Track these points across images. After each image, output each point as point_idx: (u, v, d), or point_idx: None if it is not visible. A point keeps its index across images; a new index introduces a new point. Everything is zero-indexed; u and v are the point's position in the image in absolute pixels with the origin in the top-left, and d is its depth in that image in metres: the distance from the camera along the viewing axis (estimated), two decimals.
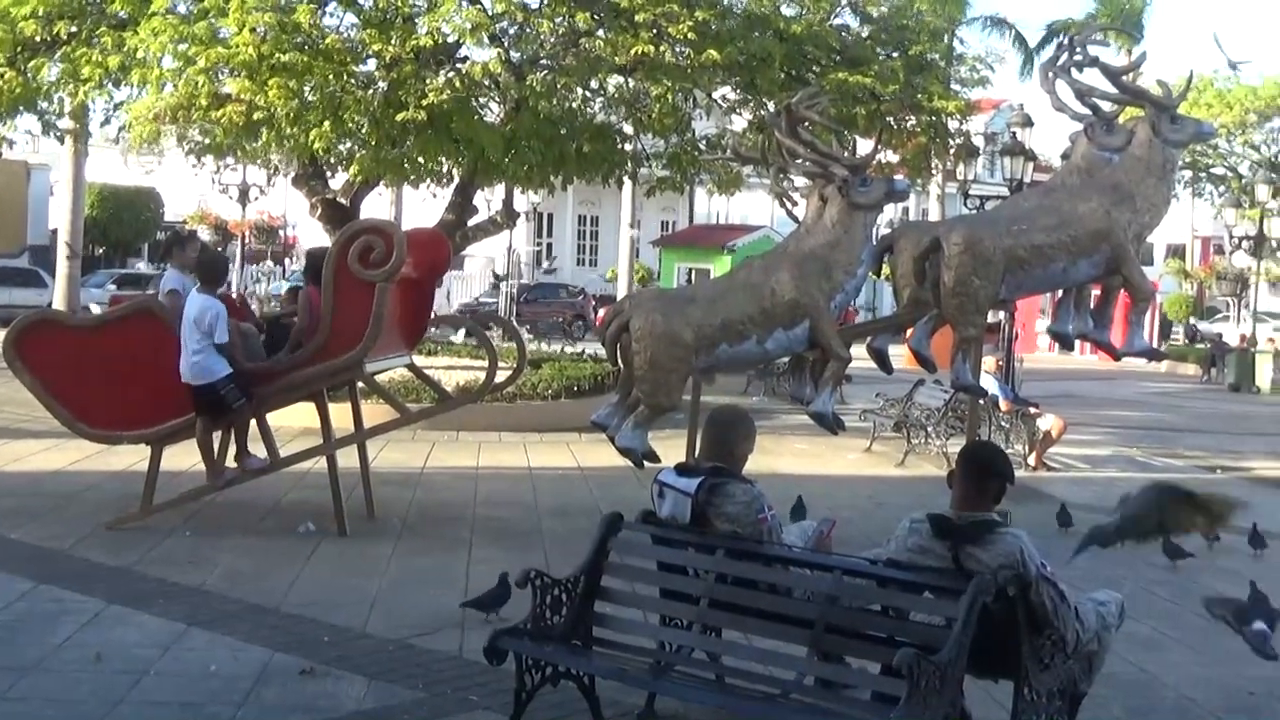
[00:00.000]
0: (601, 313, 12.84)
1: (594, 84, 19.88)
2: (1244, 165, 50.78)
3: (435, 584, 9.74)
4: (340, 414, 12.21)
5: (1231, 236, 42.92)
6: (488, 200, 29.80)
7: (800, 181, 9.78)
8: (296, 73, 16.34)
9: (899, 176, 14.12)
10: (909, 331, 9.48)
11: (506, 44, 18.24)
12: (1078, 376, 32.81)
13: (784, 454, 17.56)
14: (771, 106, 17.64)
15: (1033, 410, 18.20)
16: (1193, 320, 54.41)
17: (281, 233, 55.44)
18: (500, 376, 13.05)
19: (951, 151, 22.52)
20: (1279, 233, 40.32)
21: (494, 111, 19.45)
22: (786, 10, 19.88)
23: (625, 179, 23.58)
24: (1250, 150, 49.50)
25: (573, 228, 60.30)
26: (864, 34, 20.63)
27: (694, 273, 28.15)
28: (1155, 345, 20.54)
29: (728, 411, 6.84)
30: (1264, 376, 35.88)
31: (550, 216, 57.08)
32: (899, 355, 9.30)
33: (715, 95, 21.19)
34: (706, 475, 6.41)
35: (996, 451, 6.58)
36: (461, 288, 50.88)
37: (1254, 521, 12.44)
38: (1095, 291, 9.51)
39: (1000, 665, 5.80)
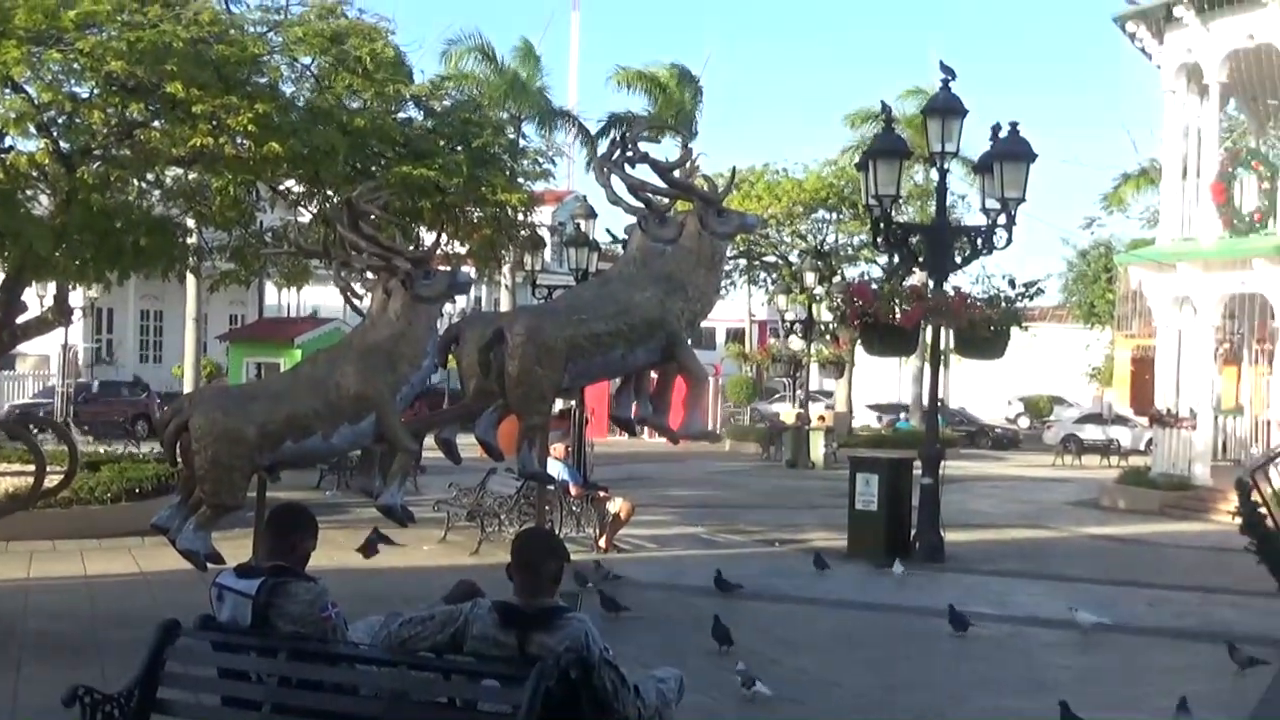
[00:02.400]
0: None
1: (151, 176, 19.26)
2: (793, 254, 53.78)
3: None
4: None
5: (784, 321, 45.30)
6: (40, 295, 28.30)
7: (368, 274, 9.78)
8: None
9: (465, 269, 14.28)
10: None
11: (55, 134, 17.46)
12: (647, 459, 33.79)
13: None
14: (336, 199, 17.54)
15: (602, 494, 18.64)
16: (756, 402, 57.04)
17: None
18: (53, 481, 12.38)
19: (517, 243, 22.94)
20: (827, 316, 42.82)
21: (43, 204, 18.54)
22: (351, 104, 19.84)
23: (188, 273, 22.88)
24: (798, 239, 52.44)
25: (135, 323, 57.94)
26: (429, 127, 20.81)
27: (263, 367, 27.56)
28: (713, 428, 21.19)
29: (288, 509, 6.70)
30: (818, 452, 37.95)
31: (110, 311, 54.70)
32: (469, 445, 9.36)
33: (280, 188, 20.90)
34: (268, 576, 6.25)
35: (546, 535, 6.70)
36: (14, 388, 48.11)
37: (949, 603, 13.15)
38: (655, 376, 9.87)
39: None
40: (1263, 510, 12.45)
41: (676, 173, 9.84)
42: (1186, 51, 27.34)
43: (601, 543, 17.92)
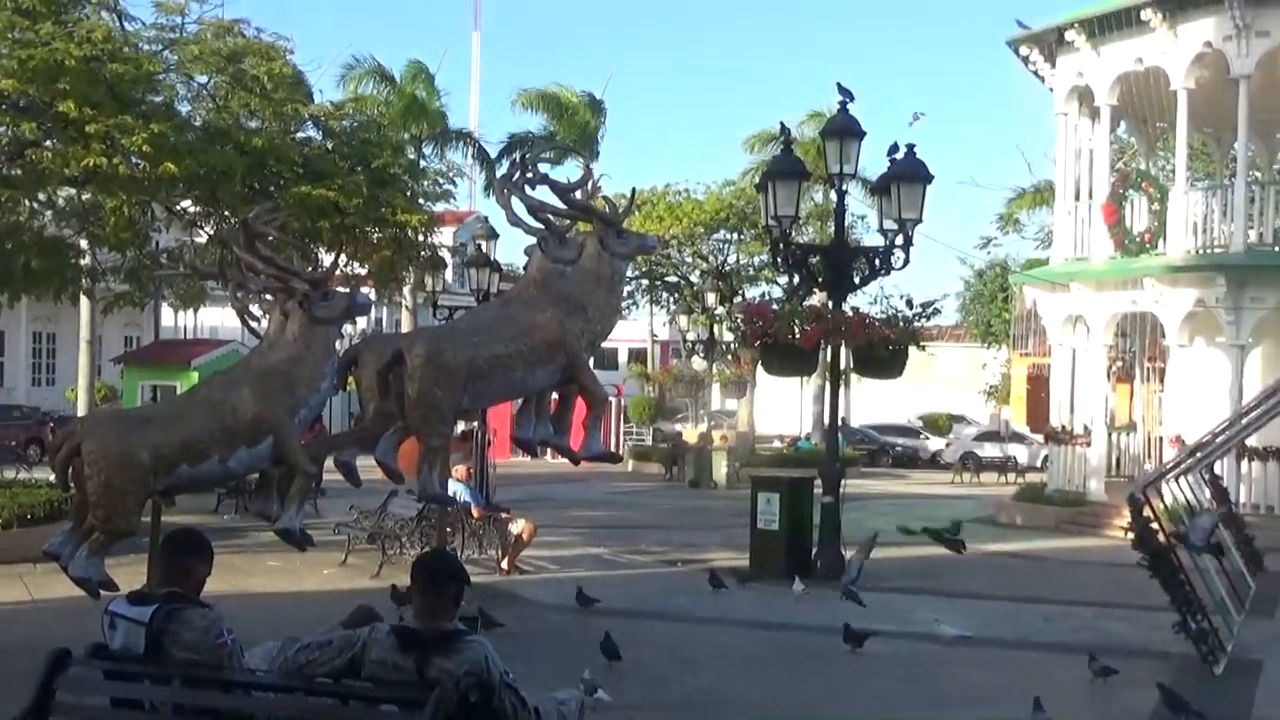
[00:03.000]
0: None
1: (43, 196, 18.96)
2: (695, 274, 54.01)
3: None
4: None
5: (686, 341, 45.46)
6: None
7: (266, 296, 9.69)
8: None
9: (364, 290, 14.18)
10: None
11: None
12: (549, 479, 33.70)
13: (257, 573, 17.12)
14: (233, 220, 17.37)
15: (504, 515, 18.58)
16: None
17: None
18: None
19: (418, 264, 22.84)
20: (729, 337, 43.04)
21: None
22: (248, 123, 19.67)
23: (81, 295, 22.52)
24: (700, 259, 52.67)
25: (27, 345, 56.85)
26: (328, 148, 20.68)
27: (159, 390, 27.12)
28: (613, 448, 21.10)
29: (182, 535, 6.60)
30: (720, 472, 38.08)
31: (1, 334, 53.64)
32: (369, 467, 9.30)
33: (175, 208, 20.65)
34: (161, 602, 6.15)
35: (446, 557, 6.68)
36: None
37: (845, 623, 13.21)
38: (556, 397, 9.88)
39: None
40: (1154, 526, 12.65)
41: (577, 194, 9.88)
42: (1078, 75, 27.86)
43: (504, 564, 17.85)
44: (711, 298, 43.06)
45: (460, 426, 22.32)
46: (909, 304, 19.60)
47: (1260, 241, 26.45)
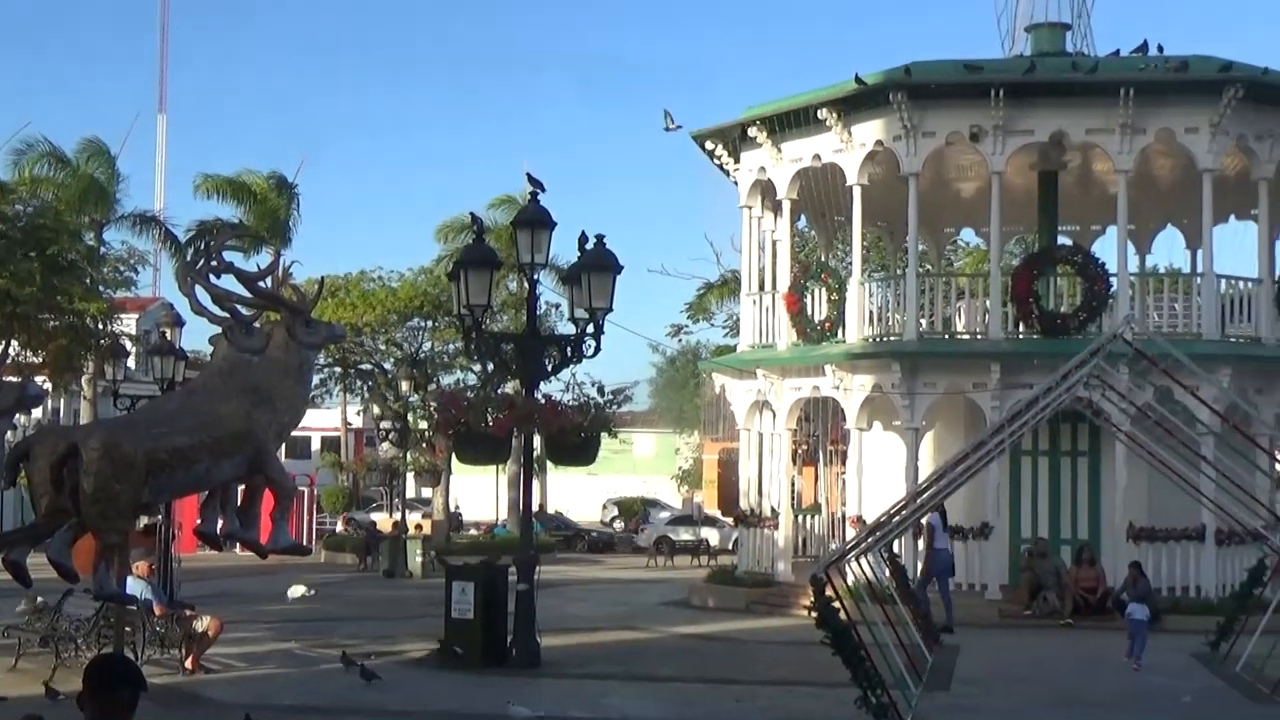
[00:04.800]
0: None
1: None
2: (389, 361, 53.63)
3: None
4: None
5: (380, 429, 44.97)
6: None
7: None
8: None
9: (38, 379, 13.61)
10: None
11: None
12: (238, 573, 32.69)
13: None
14: None
15: (188, 612, 17.94)
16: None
17: None
18: None
19: (97, 352, 22.04)
20: (424, 424, 42.76)
21: None
22: None
23: None
24: (394, 347, 52.38)
25: None
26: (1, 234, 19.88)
27: None
28: (305, 540, 20.66)
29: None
30: (415, 561, 37.62)
31: None
32: (41, 566, 8.88)
33: None
34: None
35: (120, 660, 6.40)
36: None
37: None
38: (243, 489, 9.65)
39: None
40: (836, 605, 13.08)
41: (264, 282, 9.74)
42: (760, 170, 28.90)
43: (188, 664, 17.22)
44: (405, 385, 42.85)
45: (142, 520, 21.57)
46: (601, 391, 19.91)
47: (931, 330, 27.84)
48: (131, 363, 30.92)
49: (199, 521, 9.67)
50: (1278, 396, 26.04)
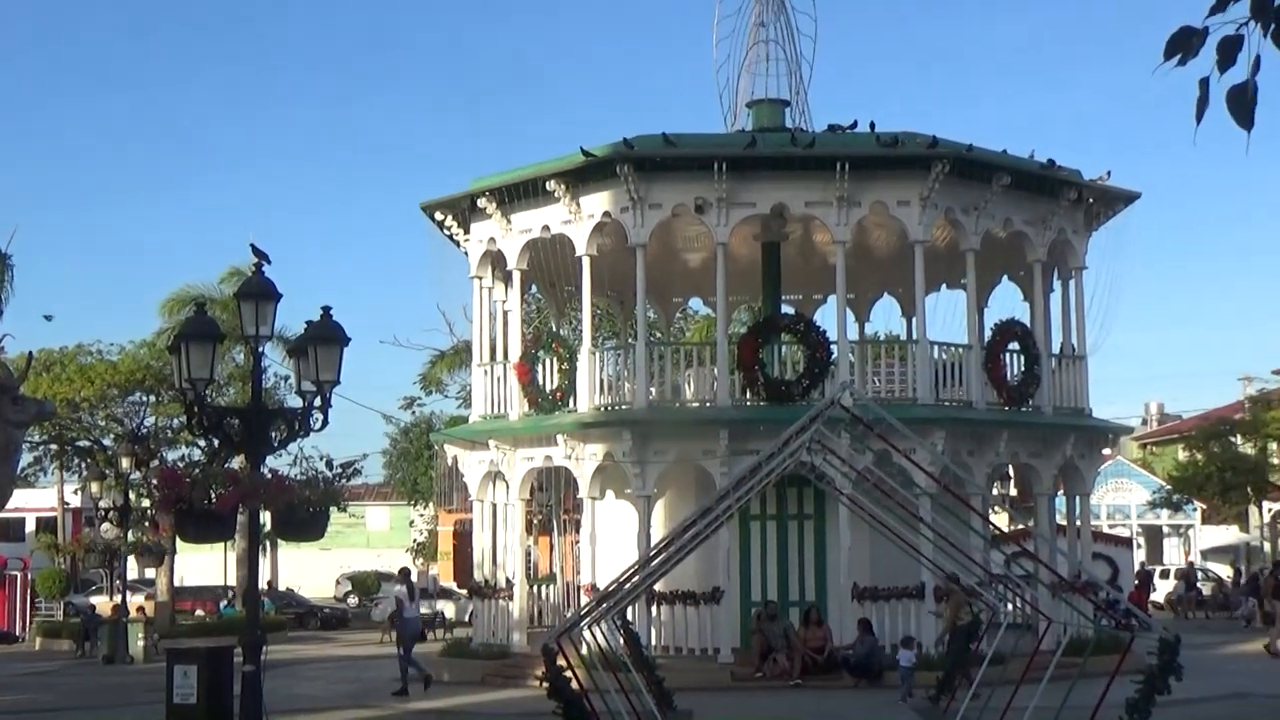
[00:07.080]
0: None
1: None
2: (109, 438, 51.71)
3: None
4: None
5: (99, 508, 43.26)
6: None
7: None
8: None
9: None
10: None
11: None
12: None
13: None
14: None
15: None
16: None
17: None
18: None
19: None
20: (146, 503, 41.32)
21: None
22: None
23: None
24: (114, 423, 50.57)
25: None
26: None
27: None
28: (17, 627, 19.58)
29: None
30: (137, 645, 36.26)
31: None
32: None
33: None
34: None
35: None
36: None
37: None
38: None
39: None
40: (568, 674, 13.10)
41: None
42: (490, 240, 29.01)
43: None
44: (126, 462, 41.27)
45: None
46: (329, 464, 19.54)
47: (661, 398, 28.25)
48: None
49: None
50: (989, 458, 27.25)
